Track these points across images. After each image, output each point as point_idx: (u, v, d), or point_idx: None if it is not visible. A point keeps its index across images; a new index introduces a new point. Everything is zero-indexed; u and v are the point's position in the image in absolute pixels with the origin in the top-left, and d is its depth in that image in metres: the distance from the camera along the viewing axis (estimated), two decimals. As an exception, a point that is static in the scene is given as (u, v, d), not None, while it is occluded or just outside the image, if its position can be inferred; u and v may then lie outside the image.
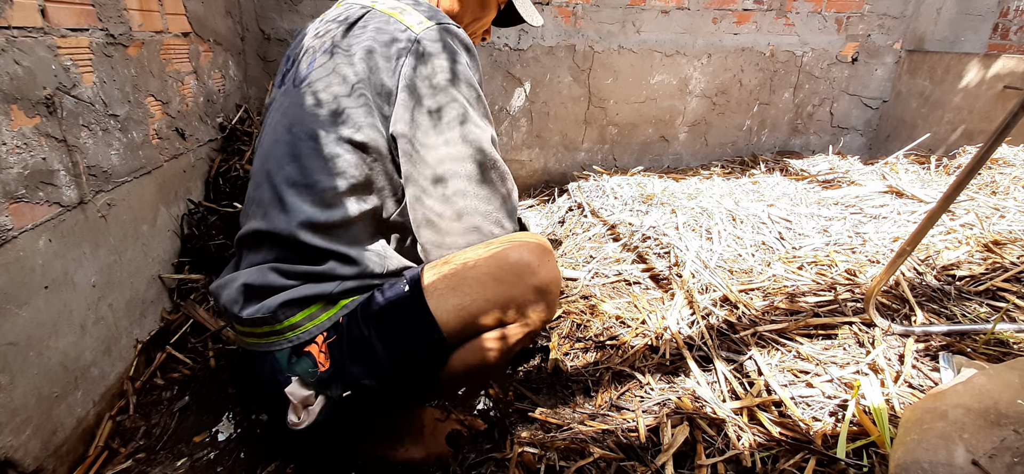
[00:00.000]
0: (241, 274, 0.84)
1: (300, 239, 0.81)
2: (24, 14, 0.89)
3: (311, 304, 0.82)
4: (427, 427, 1.01)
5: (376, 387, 0.82)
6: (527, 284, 0.83)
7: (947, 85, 2.59)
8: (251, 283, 0.82)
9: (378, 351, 0.81)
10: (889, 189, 1.88)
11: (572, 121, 2.54)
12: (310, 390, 0.82)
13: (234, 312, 0.82)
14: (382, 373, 0.82)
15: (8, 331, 0.83)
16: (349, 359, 0.81)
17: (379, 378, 0.82)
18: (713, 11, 2.49)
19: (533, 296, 0.84)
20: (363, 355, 0.81)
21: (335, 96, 0.83)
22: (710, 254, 1.50)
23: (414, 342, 0.82)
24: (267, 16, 2.04)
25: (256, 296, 0.82)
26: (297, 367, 0.81)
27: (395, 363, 0.82)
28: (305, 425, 0.81)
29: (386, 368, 0.81)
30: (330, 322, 0.83)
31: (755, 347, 1.10)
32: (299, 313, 0.81)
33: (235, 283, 0.83)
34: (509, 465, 0.89)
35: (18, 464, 0.85)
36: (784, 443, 0.87)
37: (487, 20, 1.13)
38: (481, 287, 0.81)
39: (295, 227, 0.81)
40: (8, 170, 0.84)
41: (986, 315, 1.15)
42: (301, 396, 0.81)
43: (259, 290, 0.82)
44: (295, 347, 0.82)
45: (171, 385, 1.19)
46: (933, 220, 0.94)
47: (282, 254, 0.84)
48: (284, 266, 0.82)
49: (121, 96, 1.15)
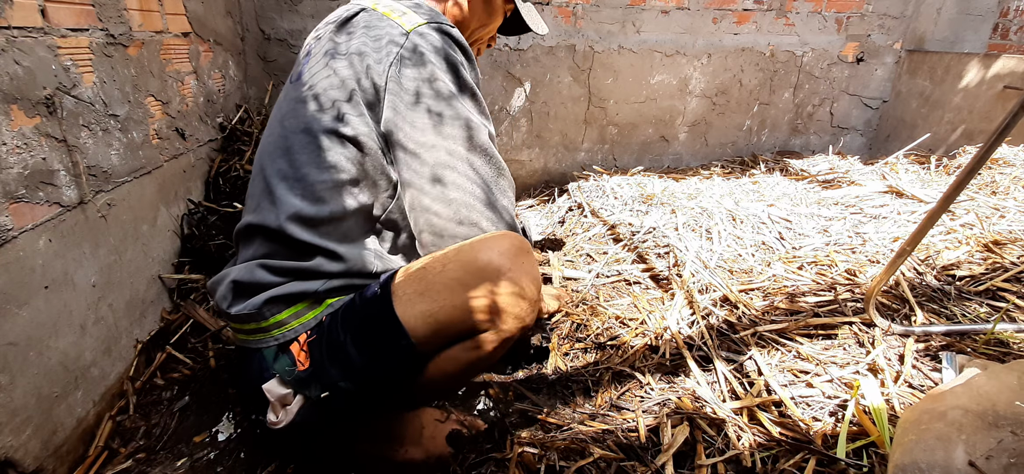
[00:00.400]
0: (232, 270, 0.85)
1: (288, 233, 0.81)
2: (24, 14, 0.89)
3: (297, 302, 0.82)
4: (427, 428, 1.01)
5: (352, 390, 0.80)
6: (497, 288, 0.78)
7: (947, 85, 2.59)
8: (239, 280, 0.82)
9: (351, 354, 0.79)
10: (889, 189, 1.88)
11: (572, 121, 2.54)
12: (288, 388, 0.81)
13: (223, 309, 0.83)
14: (356, 376, 0.80)
15: (8, 331, 0.83)
16: (327, 360, 0.80)
17: (354, 381, 0.80)
18: (713, 11, 2.49)
19: (506, 301, 0.79)
20: (339, 357, 0.80)
21: (327, 92, 0.83)
22: (710, 254, 1.50)
23: (384, 347, 0.80)
24: (267, 16, 2.04)
25: (244, 293, 0.83)
26: (276, 365, 0.82)
27: (367, 367, 0.80)
28: (283, 424, 0.81)
29: (359, 371, 0.80)
30: (314, 321, 0.83)
31: (755, 347, 1.10)
32: (285, 310, 0.81)
33: (226, 280, 0.84)
34: (509, 465, 0.89)
35: (18, 464, 0.85)
36: (784, 443, 0.87)
37: (493, 27, 1.13)
38: (449, 293, 0.78)
39: (284, 220, 0.81)
40: (8, 170, 0.84)
41: (986, 315, 1.15)
42: (278, 394, 0.80)
43: (247, 287, 0.82)
44: (280, 345, 0.82)
45: (171, 385, 1.19)
46: (933, 220, 0.94)
47: (271, 249, 0.84)
48: (271, 262, 0.82)
49: (121, 96, 1.15)
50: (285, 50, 2.12)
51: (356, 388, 0.80)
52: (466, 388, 1.20)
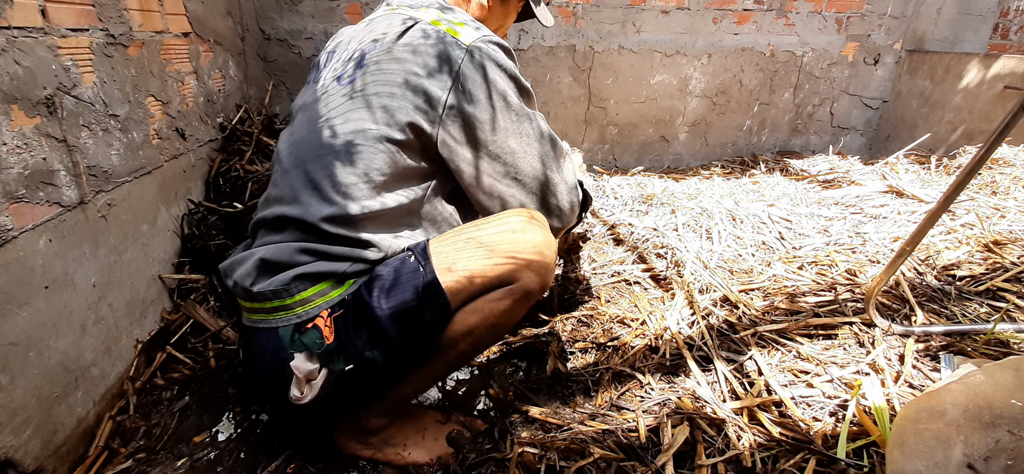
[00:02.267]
0: (259, 250, 0.86)
1: (326, 230, 0.84)
2: (24, 14, 0.89)
3: (323, 280, 0.84)
4: (428, 429, 1.01)
5: (378, 359, 0.84)
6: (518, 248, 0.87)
7: (947, 85, 2.60)
8: (268, 258, 0.84)
9: (384, 323, 0.83)
10: (889, 189, 1.88)
11: (572, 121, 2.54)
12: (316, 363, 0.83)
13: (246, 286, 0.84)
14: (385, 342, 0.84)
15: (8, 331, 0.83)
16: (353, 332, 0.83)
17: (382, 348, 0.84)
18: (713, 11, 2.49)
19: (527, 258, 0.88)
20: (368, 325, 0.83)
21: (382, 100, 0.87)
22: (710, 254, 1.50)
23: (419, 308, 0.84)
24: (267, 16, 2.04)
25: (271, 271, 0.84)
26: (305, 339, 0.83)
27: (400, 330, 0.84)
28: (308, 399, 0.82)
29: (390, 336, 0.83)
30: (338, 299, 0.84)
31: (755, 347, 1.10)
32: (310, 288, 0.83)
33: (252, 258, 0.85)
34: (509, 465, 0.89)
35: (18, 464, 0.85)
36: (784, 443, 0.87)
37: (508, 23, 1.20)
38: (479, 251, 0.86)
39: (322, 218, 0.84)
40: (8, 170, 0.84)
41: (986, 315, 1.15)
42: (306, 370, 0.82)
43: (276, 265, 0.84)
44: (297, 324, 0.83)
45: (171, 385, 1.19)
46: (933, 220, 0.94)
47: (306, 237, 0.86)
48: (308, 245, 0.85)
49: (121, 96, 1.15)
50: (285, 50, 2.12)
51: (382, 355, 0.85)
52: (466, 388, 1.20)
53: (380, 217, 0.88)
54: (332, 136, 0.88)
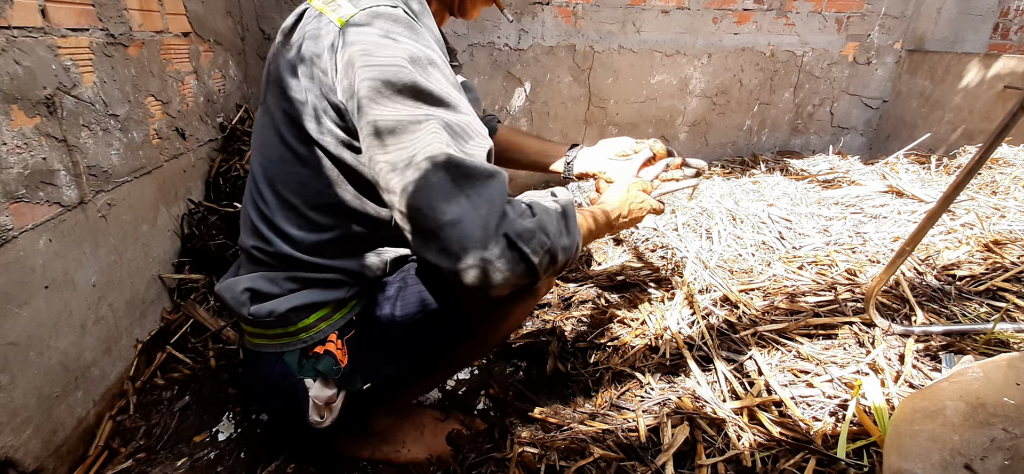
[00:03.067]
0: (243, 279, 0.82)
1: (296, 257, 0.78)
2: (24, 14, 0.89)
3: (321, 307, 0.81)
4: (428, 428, 1.01)
5: (395, 373, 0.84)
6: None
7: (947, 85, 2.59)
8: (254, 288, 0.81)
9: (398, 336, 0.82)
10: (889, 189, 1.88)
11: (572, 121, 2.54)
12: (333, 388, 0.82)
13: (242, 313, 0.81)
14: (402, 357, 0.83)
15: (8, 331, 0.83)
16: (368, 351, 0.82)
17: (399, 363, 0.84)
18: (713, 11, 2.49)
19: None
20: (383, 345, 0.83)
21: (286, 113, 0.75)
22: (710, 254, 1.50)
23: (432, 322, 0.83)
24: (267, 16, 2.04)
25: (262, 300, 0.81)
26: (319, 366, 0.81)
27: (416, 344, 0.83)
28: (329, 423, 0.82)
29: (406, 351, 0.83)
30: (343, 320, 0.82)
31: (755, 347, 1.10)
32: (312, 314, 0.81)
33: (238, 286, 0.82)
34: (509, 465, 0.89)
35: (19, 464, 0.85)
36: (784, 443, 0.87)
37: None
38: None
39: (287, 247, 0.78)
40: (8, 170, 0.84)
41: (986, 315, 1.15)
42: (325, 397, 0.81)
43: (263, 295, 0.81)
44: (304, 349, 0.81)
45: (171, 385, 1.19)
46: (933, 220, 0.94)
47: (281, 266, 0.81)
48: (287, 273, 0.80)
49: (121, 96, 1.15)
50: (285, 50, 2.12)
51: (399, 369, 0.84)
52: (466, 388, 1.20)
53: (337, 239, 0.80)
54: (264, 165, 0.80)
